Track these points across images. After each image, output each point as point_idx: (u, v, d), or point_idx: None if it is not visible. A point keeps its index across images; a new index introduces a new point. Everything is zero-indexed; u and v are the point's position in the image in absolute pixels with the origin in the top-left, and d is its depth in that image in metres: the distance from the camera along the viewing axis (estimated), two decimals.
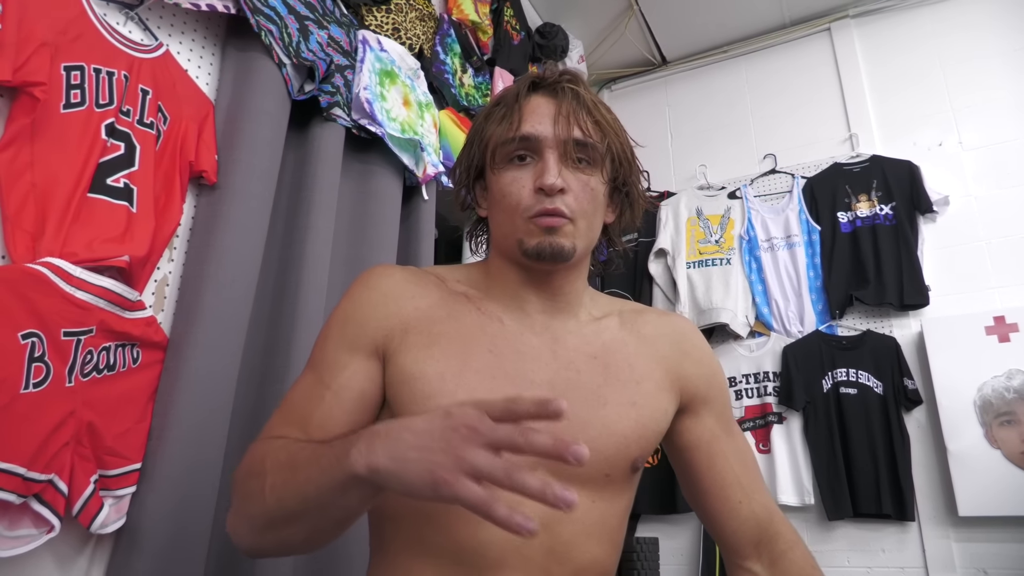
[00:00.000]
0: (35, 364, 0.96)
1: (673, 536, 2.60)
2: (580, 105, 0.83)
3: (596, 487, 0.80)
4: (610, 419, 0.81)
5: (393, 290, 0.84)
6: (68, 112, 1.09)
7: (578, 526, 0.77)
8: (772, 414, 2.52)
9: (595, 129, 0.83)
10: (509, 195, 0.81)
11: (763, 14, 3.04)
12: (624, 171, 0.87)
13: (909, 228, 2.50)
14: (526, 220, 0.80)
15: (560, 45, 2.78)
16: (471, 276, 0.91)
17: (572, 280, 0.88)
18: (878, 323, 2.52)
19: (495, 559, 0.74)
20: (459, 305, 0.85)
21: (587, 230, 0.83)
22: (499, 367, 0.80)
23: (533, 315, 0.86)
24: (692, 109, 3.24)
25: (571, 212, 0.80)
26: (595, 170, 0.83)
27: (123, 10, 1.27)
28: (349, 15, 1.77)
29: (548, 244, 0.79)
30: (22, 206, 1.00)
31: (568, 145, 0.81)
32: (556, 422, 0.72)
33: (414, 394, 0.77)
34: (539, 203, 0.79)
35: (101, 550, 1.10)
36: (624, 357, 0.87)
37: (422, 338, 0.81)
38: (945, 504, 2.22)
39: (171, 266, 1.29)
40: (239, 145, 1.36)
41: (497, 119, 0.85)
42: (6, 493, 0.89)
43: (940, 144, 2.63)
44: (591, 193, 0.82)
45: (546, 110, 0.83)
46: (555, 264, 0.82)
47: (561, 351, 0.85)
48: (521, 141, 0.81)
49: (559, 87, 0.84)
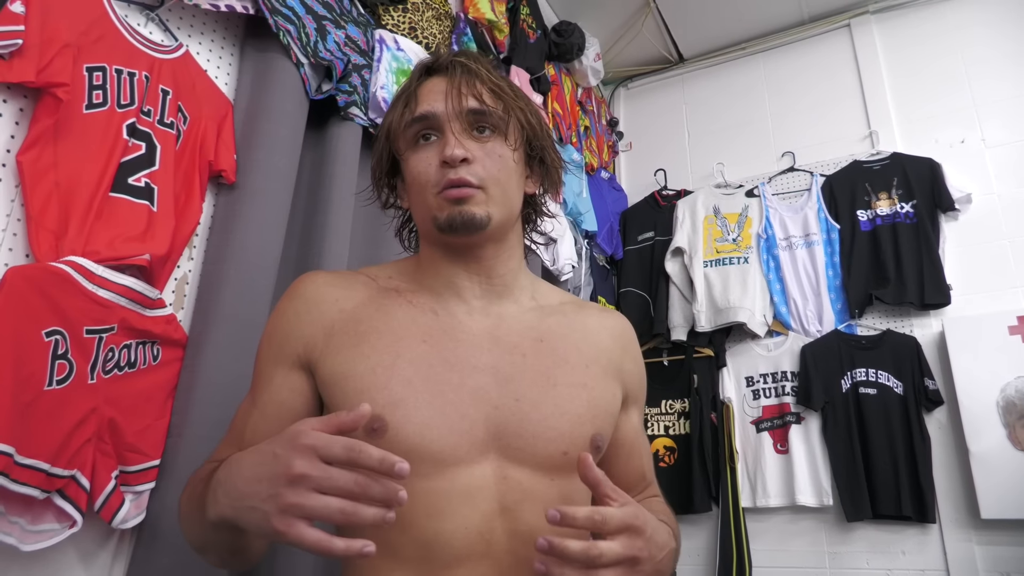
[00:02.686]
0: (58, 361, 0.97)
1: (690, 536, 2.59)
2: (472, 76, 0.83)
3: (554, 466, 0.80)
4: (561, 398, 0.82)
5: (315, 296, 0.84)
6: (90, 112, 1.10)
7: (538, 506, 0.77)
8: (790, 414, 2.50)
9: (492, 97, 0.83)
10: (418, 174, 0.82)
11: (781, 11, 3.01)
12: (534, 136, 0.87)
13: (930, 226, 2.47)
14: (435, 195, 0.80)
15: (576, 43, 2.77)
16: (402, 270, 0.91)
17: (504, 259, 0.87)
18: (898, 323, 2.49)
19: (461, 549, 0.74)
20: (388, 300, 0.85)
21: (502, 197, 0.83)
22: (436, 355, 0.80)
23: (471, 301, 0.86)
24: (709, 107, 3.22)
25: (479, 180, 0.80)
26: (499, 137, 0.83)
27: (144, 11, 1.29)
28: (366, 14, 1.77)
29: (459, 213, 0.79)
30: (46, 205, 1.02)
31: (464, 116, 0.81)
32: (498, 411, 0.77)
33: (346, 392, 0.77)
34: (445, 175, 0.79)
35: (123, 545, 1.12)
36: (572, 342, 0.88)
37: (348, 338, 0.81)
38: (967, 506, 2.19)
39: (191, 264, 1.30)
40: (257, 144, 1.37)
41: (396, 108, 0.86)
42: (30, 488, 0.90)
43: (962, 141, 2.60)
44: (499, 160, 0.82)
45: (439, 88, 0.83)
46: (471, 234, 0.81)
47: (504, 336, 0.85)
48: (418, 121, 0.82)
49: (449, 64, 0.85)
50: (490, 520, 0.75)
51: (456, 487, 0.75)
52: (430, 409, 0.76)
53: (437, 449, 0.75)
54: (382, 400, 0.75)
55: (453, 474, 0.75)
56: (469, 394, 0.78)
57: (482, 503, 0.75)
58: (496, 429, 0.78)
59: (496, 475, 0.77)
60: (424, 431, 0.75)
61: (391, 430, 0.74)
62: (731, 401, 2.63)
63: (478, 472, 0.76)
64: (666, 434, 2.67)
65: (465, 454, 0.76)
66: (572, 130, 2.75)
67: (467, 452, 0.76)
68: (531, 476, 0.78)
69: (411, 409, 0.75)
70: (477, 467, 0.76)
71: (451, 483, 0.75)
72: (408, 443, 0.74)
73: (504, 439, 0.78)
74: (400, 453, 0.72)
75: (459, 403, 0.78)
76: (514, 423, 0.79)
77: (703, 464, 2.56)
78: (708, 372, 2.68)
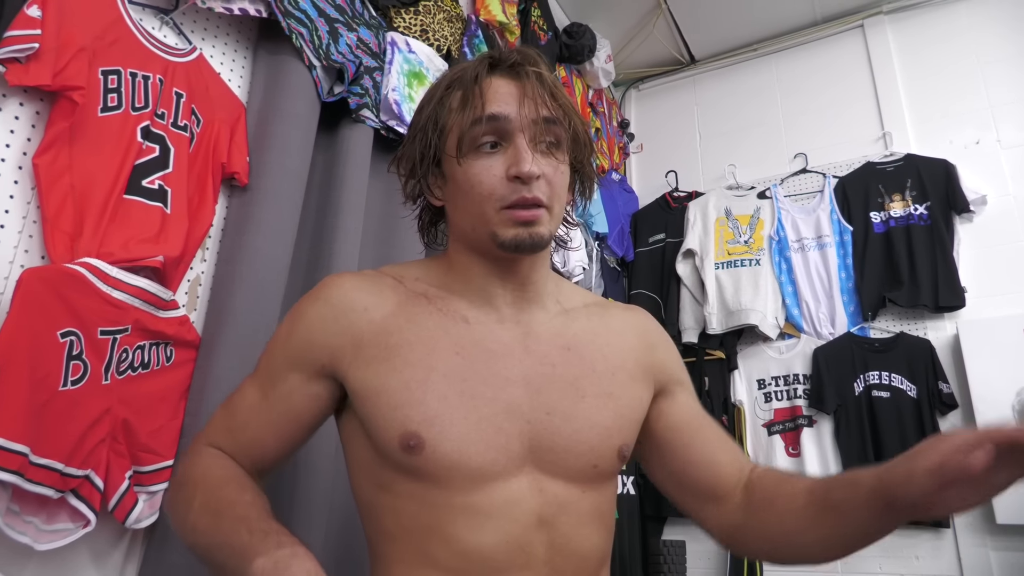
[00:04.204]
0: (73, 362, 0.98)
1: (701, 539, 2.57)
2: (544, 86, 0.78)
3: (585, 478, 0.80)
4: (591, 411, 0.81)
5: (342, 303, 0.81)
6: (105, 115, 1.11)
7: (573, 517, 0.78)
8: (802, 417, 2.49)
9: (557, 107, 0.79)
10: (480, 184, 0.77)
11: (794, 11, 2.99)
12: (583, 152, 0.85)
13: (944, 228, 2.44)
14: (499, 211, 0.76)
15: (587, 45, 2.77)
16: (431, 272, 0.87)
17: (539, 267, 0.86)
18: (912, 325, 2.47)
19: (502, 562, 0.74)
20: (419, 308, 0.82)
21: (559, 216, 0.82)
22: (469, 368, 0.78)
23: (502, 308, 0.84)
24: (721, 108, 3.20)
25: (548, 200, 0.77)
26: (562, 153, 0.80)
27: (158, 15, 1.30)
28: (378, 17, 1.78)
29: (528, 236, 0.76)
30: (61, 208, 1.02)
31: (538, 127, 0.77)
32: (531, 425, 0.77)
33: (379, 408, 0.76)
34: (515, 192, 0.75)
35: (135, 545, 1.13)
36: (597, 348, 0.86)
37: (379, 351, 0.78)
38: (982, 511, 2.16)
39: (203, 266, 1.31)
40: (270, 147, 1.38)
41: (454, 103, 0.80)
42: (44, 488, 0.91)
43: (977, 142, 2.57)
44: (562, 177, 0.80)
45: (509, 91, 0.78)
46: (533, 254, 0.80)
47: (533, 345, 0.83)
48: (489, 121, 0.77)
49: (521, 69, 0.79)
50: (529, 533, 0.75)
51: (495, 501, 0.75)
52: (466, 424, 0.75)
53: (476, 465, 0.74)
54: (418, 417, 0.74)
55: (492, 488, 0.75)
56: (503, 408, 0.78)
57: (521, 516, 0.75)
58: (530, 443, 0.78)
59: (532, 488, 0.77)
60: (462, 446, 0.74)
61: (428, 447, 0.73)
62: (742, 404, 2.62)
63: (515, 486, 0.76)
64: None
65: (503, 468, 0.76)
66: None
67: (505, 467, 0.76)
68: (565, 488, 0.78)
69: (447, 425, 0.75)
70: (515, 480, 0.76)
71: (490, 497, 0.75)
72: (447, 460, 0.74)
73: (538, 452, 0.78)
74: (439, 469, 0.74)
75: (494, 417, 0.77)
76: (547, 437, 0.78)
77: None
78: (719, 375, 2.67)
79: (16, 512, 0.91)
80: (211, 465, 0.80)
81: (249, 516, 0.70)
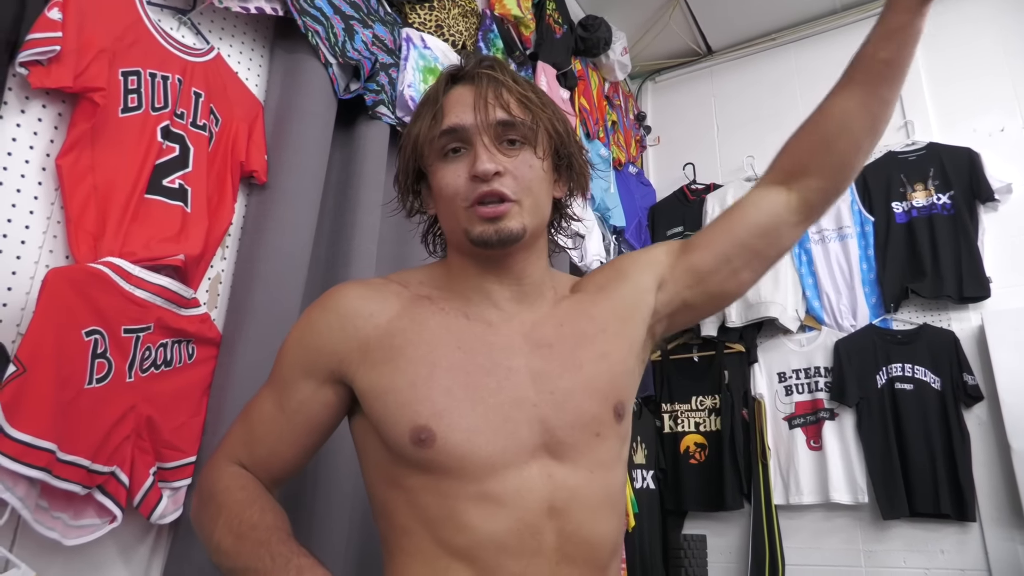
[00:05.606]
0: (98, 360, 0.99)
1: (721, 533, 2.57)
2: (499, 87, 0.83)
3: (590, 452, 0.81)
4: (589, 378, 0.84)
5: (348, 311, 0.85)
6: (126, 116, 1.12)
7: (584, 504, 0.80)
8: (824, 410, 2.46)
9: (520, 108, 0.83)
10: (447, 186, 0.82)
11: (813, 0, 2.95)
12: (563, 143, 0.87)
13: (968, 218, 2.40)
14: (466, 209, 0.81)
15: (603, 37, 2.75)
16: (433, 276, 0.92)
17: (532, 262, 0.88)
18: (935, 316, 2.43)
19: (514, 549, 0.76)
20: (421, 309, 0.86)
21: (534, 208, 0.83)
22: (472, 361, 0.81)
23: (501, 304, 0.87)
24: (739, 99, 3.17)
25: (514, 193, 0.80)
26: (529, 148, 0.83)
27: (176, 15, 1.31)
28: (393, 13, 1.78)
29: (494, 231, 0.80)
30: (84, 208, 1.04)
31: (494, 128, 0.81)
32: (537, 408, 0.80)
33: (387, 406, 0.79)
34: (476, 189, 0.80)
35: (161, 540, 1.14)
36: (583, 313, 0.89)
37: (385, 353, 0.82)
38: (1009, 505, 2.13)
39: (223, 264, 1.32)
40: (288, 145, 1.39)
41: (422, 119, 0.86)
42: (71, 484, 0.93)
43: (1002, 130, 2.53)
44: (530, 171, 0.82)
45: (467, 99, 0.83)
46: (507, 247, 0.82)
47: (532, 333, 0.86)
48: (446, 134, 0.82)
49: (475, 74, 0.85)
50: (540, 520, 0.77)
51: (507, 489, 0.77)
52: (473, 415, 0.78)
53: (486, 455, 0.77)
54: (426, 412, 0.77)
55: (503, 477, 0.77)
56: (509, 397, 0.80)
57: (533, 504, 0.77)
58: (539, 427, 0.80)
59: (542, 474, 0.78)
60: (471, 437, 0.77)
61: (439, 439, 0.76)
62: (763, 397, 2.60)
63: (526, 474, 0.78)
64: (697, 431, 2.65)
65: (513, 457, 0.78)
66: (599, 125, 2.73)
67: (515, 455, 0.78)
68: (574, 472, 0.80)
69: (456, 418, 0.77)
70: (525, 468, 0.78)
71: (502, 486, 0.77)
72: (458, 450, 0.76)
73: (546, 434, 0.80)
74: (451, 460, 0.76)
75: (500, 407, 0.79)
76: (553, 417, 0.80)
77: (734, 461, 2.52)
78: (739, 368, 2.65)
79: (45, 508, 0.93)
80: (231, 486, 0.83)
81: (270, 540, 0.74)
